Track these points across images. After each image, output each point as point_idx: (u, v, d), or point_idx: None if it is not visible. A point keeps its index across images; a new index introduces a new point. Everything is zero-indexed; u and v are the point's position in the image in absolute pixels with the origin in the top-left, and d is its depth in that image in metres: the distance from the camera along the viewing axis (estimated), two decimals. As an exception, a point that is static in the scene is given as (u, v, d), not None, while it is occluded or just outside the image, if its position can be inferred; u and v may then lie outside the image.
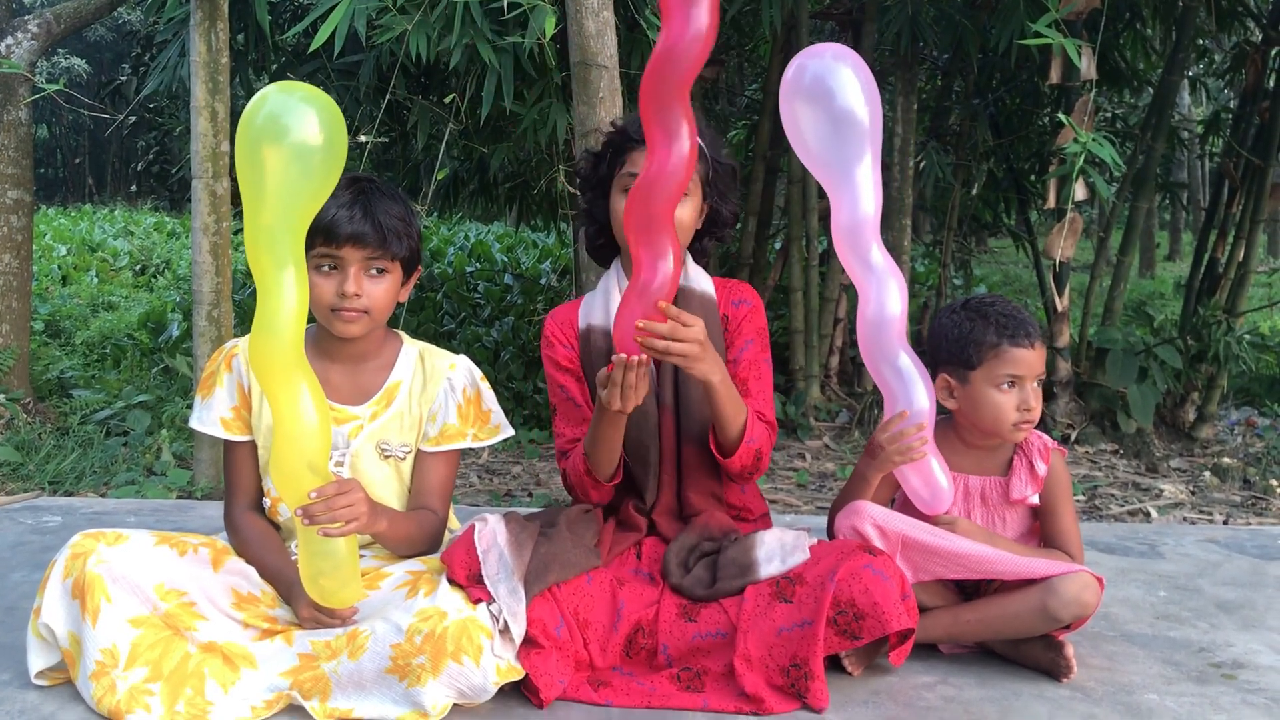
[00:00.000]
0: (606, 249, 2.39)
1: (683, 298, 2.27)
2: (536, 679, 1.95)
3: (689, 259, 2.35)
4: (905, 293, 2.12)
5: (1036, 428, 2.36)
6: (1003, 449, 2.32)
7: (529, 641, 1.97)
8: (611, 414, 2.07)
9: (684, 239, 2.24)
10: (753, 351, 2.31)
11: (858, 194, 2.06)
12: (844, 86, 2.01)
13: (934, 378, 2.25)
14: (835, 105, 2.02)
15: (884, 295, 2.09)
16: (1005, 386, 2.23)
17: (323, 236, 2.04)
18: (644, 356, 1.96)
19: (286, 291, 1.82)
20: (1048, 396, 4.75)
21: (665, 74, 1.86)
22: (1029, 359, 2.22)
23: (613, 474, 2.22)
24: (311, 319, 2.15)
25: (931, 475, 2.19)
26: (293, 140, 1.79)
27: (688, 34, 1.84)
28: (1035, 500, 2.29)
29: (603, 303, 2.34)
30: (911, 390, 2.15)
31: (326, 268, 2.08)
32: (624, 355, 1.96)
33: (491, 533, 2.06)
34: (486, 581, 1.96)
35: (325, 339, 2.19)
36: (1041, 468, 2.28)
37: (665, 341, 1.94)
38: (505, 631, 1.94)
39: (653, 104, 1.88)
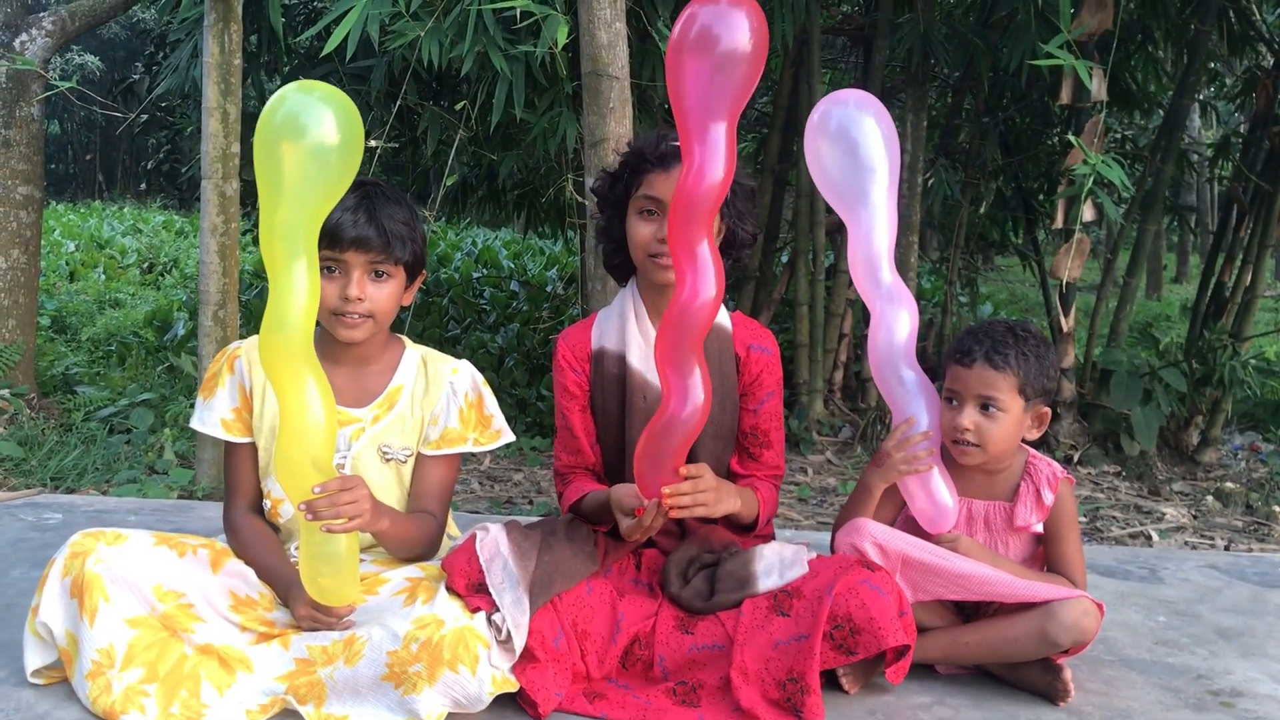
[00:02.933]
0: (624, 266, 2.37)
1: None
2: (534, 693, 1.95)
3: None
4: (916, 319, 2.19)
5: (1037, 449, 2.35)
6: (1010, 474, 2.30)
7: (525, 654, 1.96)
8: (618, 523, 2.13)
9: None
10: (773, 404, 2.35)
11: (873, 226, 2.16)
12: (866, 136, 2.13)
13: None
14: (858, 154, 2.13)
15: (895, 321, 2.17)
16: (948, 402, 2.25)
17: (326, 240, 2.04)
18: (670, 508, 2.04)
19: (299, 287, 1.83)
20: (1051, 418, 4.74)
21: (681, 329, 1.93)
22: (964, 377, 2.20)
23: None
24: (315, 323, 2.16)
25: (937, 491, 2.20)
26: (310, 139, 1.82)
27: (699, 296, 1.91)
28: (1039, 529, 2.28)
29: (617, 325, 2.33)
30: (917, 403, 2.20)
31: (330, 271, 2.09)
32: (656, 501, 2.01)
33: (494, 542, 2.06)
34: (491, 591, 1.96)
35: (328, 342, 2.19)
36: (1049, 496, 2.26)
37: (689, 499, 2.02)
38: (505, 641, 1.94)
39: (668, 356, 1.95)
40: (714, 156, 1.87)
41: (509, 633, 1.93)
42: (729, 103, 1.87)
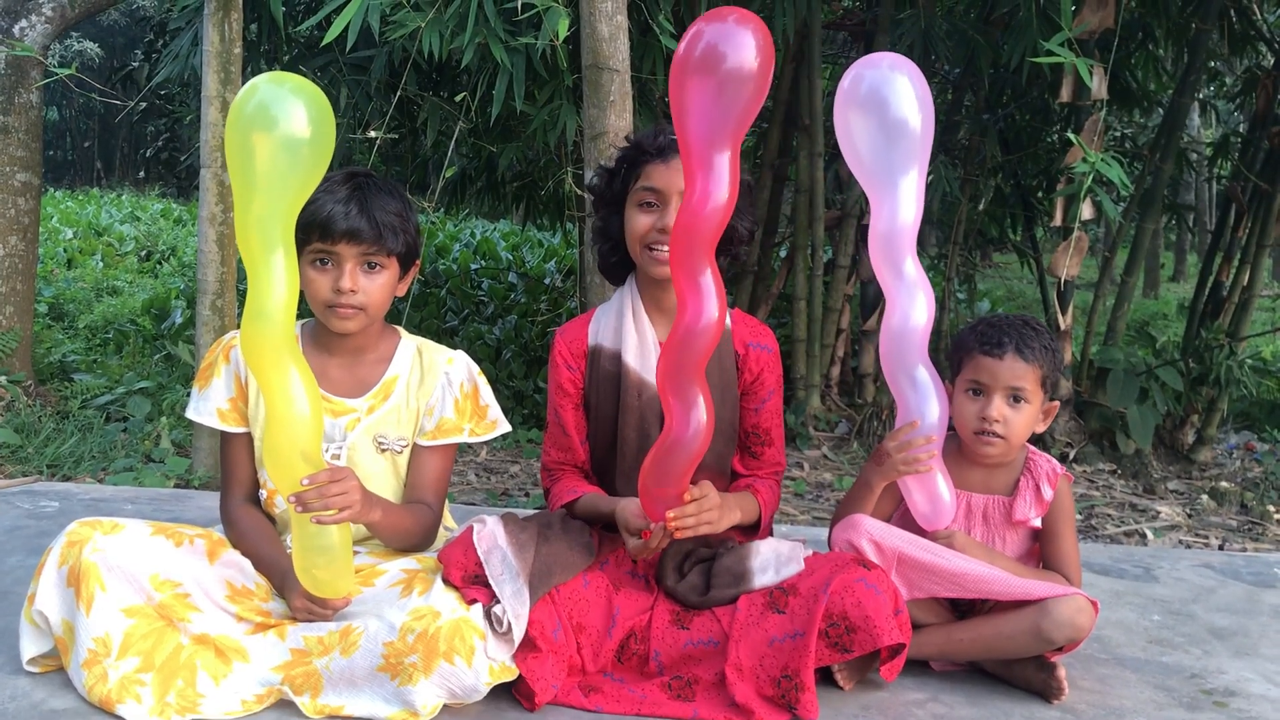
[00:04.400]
0: (620, 266, 2.37)
1: None
2: (533, 682, 1.95)
3: None
4: (932, 306, 2.14)
5: (1034, 445, 2.36)
6: (1010, 469, 2.31)
7: (527, 643, 1.97)
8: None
9: None
10: (775, 402, 2.35)
11: (899, 203, 2.09)
12: (899, 95, 2.05)
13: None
14: (889, 114, 2.05)
15: (911, 306, 2.12)
16: (970, 393, 2.25)
17: (319, 232, 2.04)
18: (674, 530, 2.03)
19: (276, 278, 1.83)
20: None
21: (684, 353, 1.91)
22: (994, 368, 2.21)
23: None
24: (310, 313, 2.16)
25: (935, 490, 2.19)
26: (281, 131, 1.81)
27: (700, 320, 1.88)
28: (1037, 523, 2.29)
29: (614, 323, 2.32)
30: (925, 403, 2.17)
31: (322, 263, 2.08)
32: (662, 524, 2.02)
33: (491, 534, 2.06)
34: (491, 582, 1.97)
35: (323, 333, 2.19)
36: (1048, 492, 2.27)
37: (694, 520, 2.01)
38: (505, 633, 1.94)
39: (671, 379, 1.93)
40: (718, 184, 1.84)
41: (509, 624, 1.93)
42: (733, 126, 1.83)
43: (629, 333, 2.28)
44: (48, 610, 1.94)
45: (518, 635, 1.94)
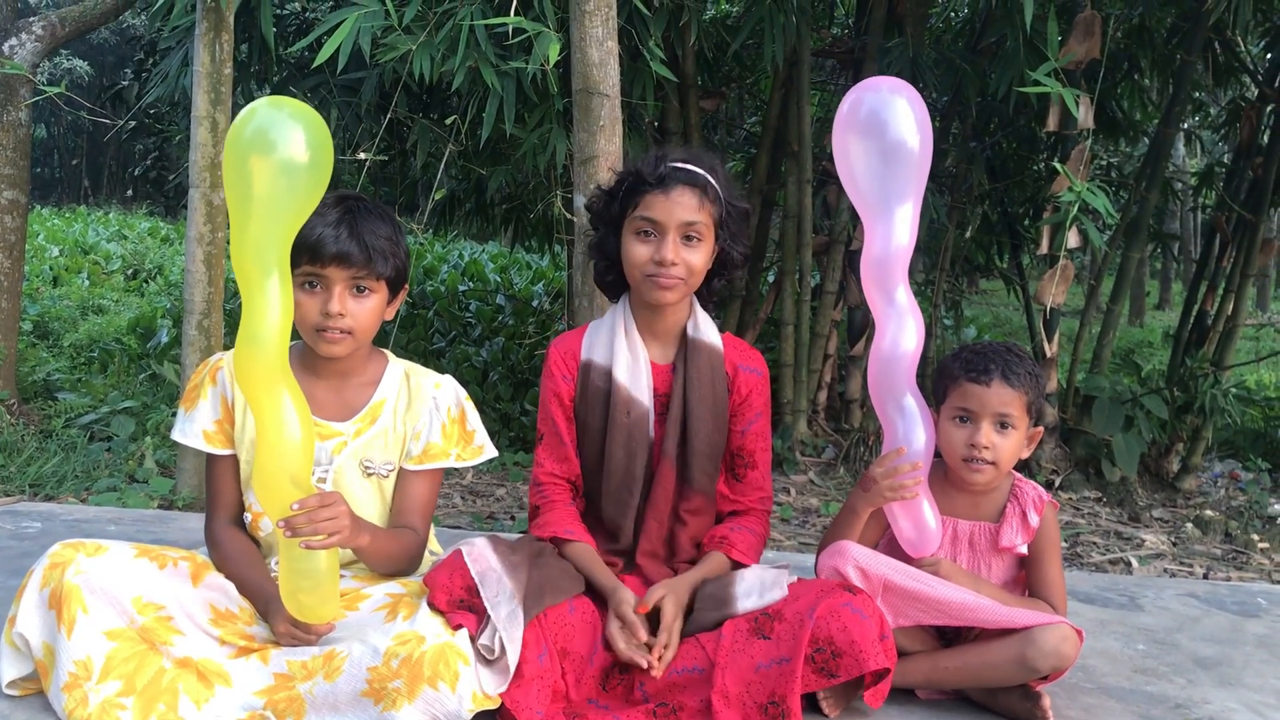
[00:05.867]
0: (616, 284, 2.36)
1: (690, 349, 2.28)
2: (517, 713, 1.93)
3: (698, 309, 2.33)
4: (922, 333, 2.14)
5: (1021, 473, 2.36)
6: (996, 495, 2.32)
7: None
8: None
9: (695, 282, 2.24)
10: (761, 424, 2.34)
11: (894, 228, 2.10)
12: (898, 118, 2.07)
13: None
14: (888, 137, 2.07)
15: (901, 332, 2.12)
16: (957, 421, 2.25)
17: (308, 255, 2.04)
18: None
19: (271, 302, 1.83)
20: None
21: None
22: (981, 395, 2.22)
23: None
24: (297, 336, 2.15)
25: (921, 517, 2.19)
26: (280, 155, 1.81)
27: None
28: (1024, 550, 2.29)
29: (606, 339, 2.31)
30: (912, 430, 2.17)
31: (311, 286, 2.08)
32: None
33: (484, 555, 2.05)
34: (486, 604, 1.95)
35: (310, 355, 2.19)
36: (1034, 519, 2.27)
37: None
38: (493, 661, 1.92)
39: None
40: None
41: (499, 650, 1.91)
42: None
43: (621, 350, 2.28)
44: (28, 633, 1.93)
45: (512, 659, 1.92)
